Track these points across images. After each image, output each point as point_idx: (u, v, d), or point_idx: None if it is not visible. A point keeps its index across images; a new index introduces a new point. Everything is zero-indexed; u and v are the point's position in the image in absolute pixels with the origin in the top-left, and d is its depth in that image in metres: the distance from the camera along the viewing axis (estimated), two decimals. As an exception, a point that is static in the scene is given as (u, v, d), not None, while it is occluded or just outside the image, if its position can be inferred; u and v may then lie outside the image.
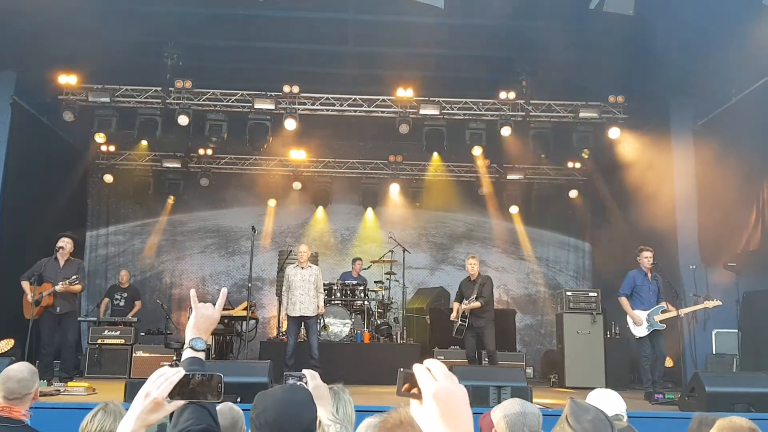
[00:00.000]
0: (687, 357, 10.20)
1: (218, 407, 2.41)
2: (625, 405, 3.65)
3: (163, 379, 1.69)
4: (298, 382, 2.74)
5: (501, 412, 2.80)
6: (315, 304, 9.68)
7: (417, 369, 1.34)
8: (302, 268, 9.78)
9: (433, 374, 1.32)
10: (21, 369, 3.61)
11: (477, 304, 9.51)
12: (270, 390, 2.30)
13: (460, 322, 9.63)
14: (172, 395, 1.68)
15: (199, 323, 2.31)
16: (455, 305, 9.99)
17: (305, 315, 9.58)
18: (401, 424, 1.58)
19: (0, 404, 3.50)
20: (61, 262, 8.98)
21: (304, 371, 2.76)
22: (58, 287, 8.67)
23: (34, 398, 3.63)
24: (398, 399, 1.39)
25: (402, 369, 1.36)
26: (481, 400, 6.85)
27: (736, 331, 10.21)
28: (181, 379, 1.70)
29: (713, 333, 10.45)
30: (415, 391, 1.33)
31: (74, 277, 8.76)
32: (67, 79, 11.56)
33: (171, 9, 10.60)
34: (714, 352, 10.39)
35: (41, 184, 11.66)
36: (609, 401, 3.70)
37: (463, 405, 1.31)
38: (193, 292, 2.43)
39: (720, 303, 8.63)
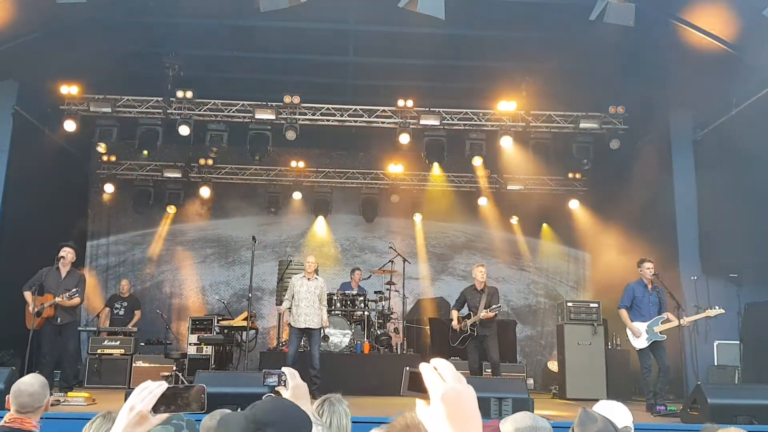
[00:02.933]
0: (689, 369, 10.16)
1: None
2: (632, 417, 3.61)
3: (147, 392, 1.72)
4: (278, 381, 2.72)
5: (512, 426, 2.78)
6: (319, 316, 9.64)
7: (424, 368, 1.31)
8: (308, 279, 9.74)
9: (440, 374, 1.29)
10: (32, 382, 3.63)
11: (491, 314, 9.45)
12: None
13: (469, 331, 9.59)
14: (156, 408, 1.71)
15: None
16: (454, 313, 9.91)
17: (310, 327, 9.54)
18: (407, 427, 1.57)
19: (12, 416, 3.52)
20: (63, 272, 8.94)
21: (284, 369, 2.71)
22: (58, 299, 8.64)
23: (45, 409, 3.66)
24: (402, 403, 1.37)
25: (408, 368, 1.33)
26: (481, 411, 6.79)
27: (738, 342, 10.17)
28: (165, 392, 1.73)
29: (715, 344, 10.42)
30: (420, 390, 1.30)
31: (74, 290, 8.72)
32: (69, 89, 11.59)
33: (172, 20, 10.65)
34: (716, 364, 10.35)
35: (42, 193, 11.65)
36: (614, 413, 3.64)
37: (471, 407, 1.28)
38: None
39: (723, 311, 8.61)
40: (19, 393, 3.55)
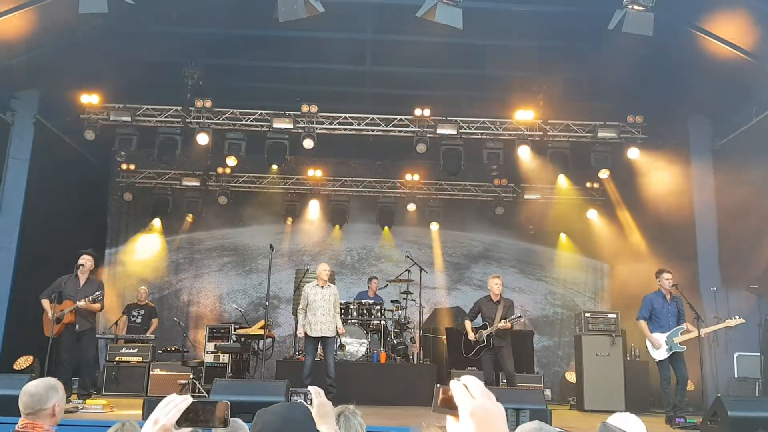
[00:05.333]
0: (708, 381, 10.04)
1: None
2: (646, 429, 3.57)
3: (172, 406, 1.73)
4: (304, 400, 2.77)
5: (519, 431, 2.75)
6: (334, 323, 9.64)
7: (454, 385, 1.34)
8: (322, 287, 9.73)
9: (470, 391, 1.32)
10: (37, 384, 3.63)
11: (508, 325, 9.38)
12: (270, 408, 2.33)
13: (485, 342, 9.52)
14: (180, 422, 1.72)
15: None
16: (467, 324, 9.84)
17: (325, 335, 9.54)
18: None
19: (23, 421, 3.54)
20: (82, 280, 9.01)
21: (309, 388, 2.76)
22: (80, 303, 8.69)
23: (53, 415, 3.60)
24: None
25: (438, 385, 1.37)
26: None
27: (759, 354, 10.04)
28: (189, 407, 1.74)
29: (735, 356, 10.28)
30: (451, 407, 1.33)
31: (97, 293, 8.80)
32: (89, 99, 11.72)
33: (191, 30, 10.77)
34: (736, 376, 10.22)
35: (62, 201, 11.79)
36: (628, 425, 3.59)
37: (500, 423, 1.31)
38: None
39: (743, 321, 8.49)
40: (23, 393, 3.57)
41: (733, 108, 10.52)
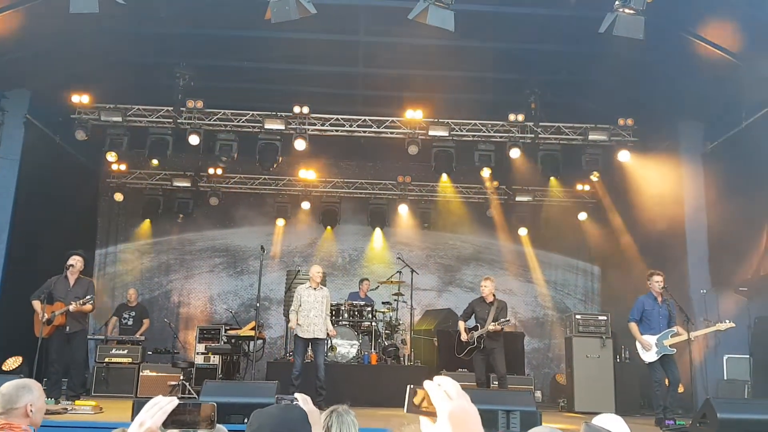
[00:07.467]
0: (698, 383, 10.08)
1: None
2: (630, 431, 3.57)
3: (158, 408, 1.73)
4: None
5: None
6: (325, 325, 9.64)
7: (429, 386, 1.32)
8: (314, 288, 9.74)
9: (446, 392, 1.30)
10: (8, 385, 3.62)
11: (498, 327, 9.36)
12: (266, 408, 2.33)
13: (476, 343, 9.54)
14: (166, 424, 1.73)
15: None
16: (461, 324, 9.85)
17: (317, 337, 9.54)
18: None
19: (0, 422, 3.51)
20: (72, 281, 8.97)
21: (297, 395, 2.73)
22: (71, 307, 8.63)
23: (26, 414, 3.56)
24: (406, 417, 1.37)
25: (411, 385, 1.34)
26: (489, 424, 6.77)
27: (748, 356, 10.09)
28: (175, 409, 1.74)
29: (724, 358, 10.34)
30: (425, 408, 1.30)
31: (88, 297, 8.74)
32: (80, 99, 11.67)
33: (183, 30, 10.74)
34: (725, 378, 10.27)
35: (52, 201, 11.72)
36: (613, 427, 3.59)
37: (476, 424, 1.30)
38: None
39: (733, 325, 8.52)
40: None
41: (723, 111, 10.58)
